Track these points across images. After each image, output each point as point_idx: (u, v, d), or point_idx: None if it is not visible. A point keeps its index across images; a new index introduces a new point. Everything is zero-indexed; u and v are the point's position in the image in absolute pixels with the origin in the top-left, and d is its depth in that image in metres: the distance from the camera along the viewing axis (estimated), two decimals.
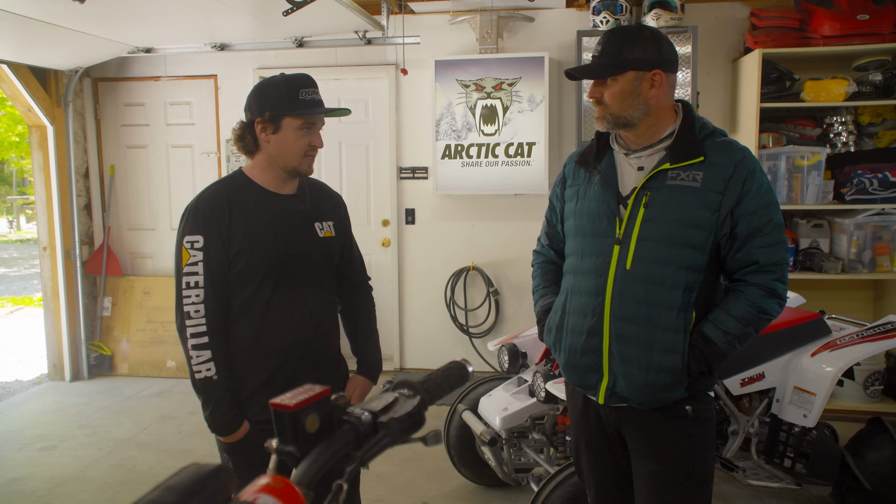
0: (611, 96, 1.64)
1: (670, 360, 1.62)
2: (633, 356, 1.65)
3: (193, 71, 5.12)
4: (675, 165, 1.63)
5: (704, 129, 1.68)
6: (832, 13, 3.91)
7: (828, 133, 4.16)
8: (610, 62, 1.63)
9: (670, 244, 1.62)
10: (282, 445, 0.74)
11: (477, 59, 4.57)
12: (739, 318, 1.62)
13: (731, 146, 1.65)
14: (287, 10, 3.43)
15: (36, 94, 4.75)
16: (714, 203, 1.60)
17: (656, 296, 1.63)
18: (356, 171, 5.12)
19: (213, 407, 1.75)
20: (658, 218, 1.63)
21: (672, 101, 1.70)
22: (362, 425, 0.77)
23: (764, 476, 2.80)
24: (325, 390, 0.77)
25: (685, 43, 4.18)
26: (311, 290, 1.89)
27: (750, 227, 1.61)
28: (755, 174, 1.62)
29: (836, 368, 2.67)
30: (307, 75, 1.84)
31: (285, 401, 0.74)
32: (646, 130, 1.68)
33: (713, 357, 1.63)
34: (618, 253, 1.66)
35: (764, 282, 1.62)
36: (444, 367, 0.95)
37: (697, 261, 1.62)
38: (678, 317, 1.62)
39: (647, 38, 1.65)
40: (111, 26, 4.05)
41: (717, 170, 1.61)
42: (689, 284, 1.62)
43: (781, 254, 1.64)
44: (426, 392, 0.86)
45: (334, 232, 1.96)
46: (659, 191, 1.64)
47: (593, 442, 1.82)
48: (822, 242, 4.12)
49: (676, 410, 1.67)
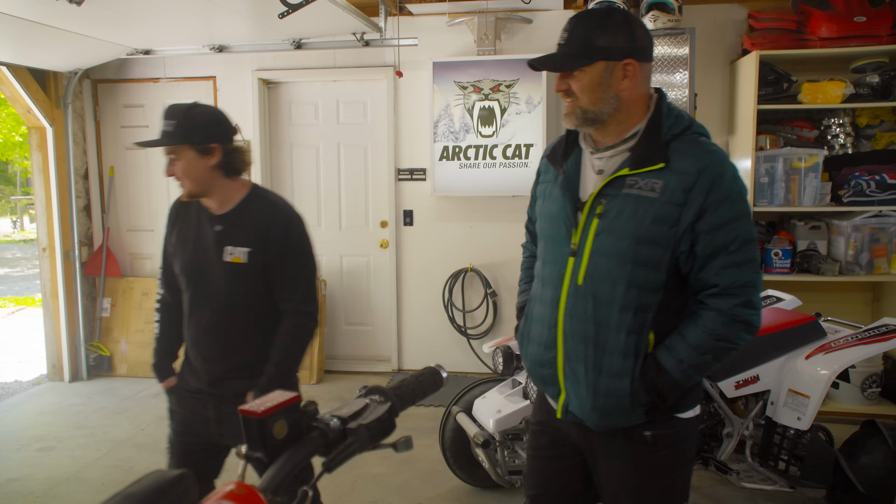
0: (580, 88, 1.46)
1: (618, 385, 1.47)
2: (582, 377, 1.51)
3: (192, 72, 5.14)
4: (634, 171, 1.44)
5: (676, 127, 1.47)
6: (829, 15, 3.91)
7: (825, 135, 4.16)
8: (577, 51, 1.44)
9: (622, 261, 1.45)
10: (250, 451, 0.74)
11: (475, 61, 4.57)
12: (695, 345, 1.44)
13: (698, 149, 1.44)
14: (283, 13, 3.44)
15: (35, 95, 4.77)
16: (672, 216, 1.41)
17: (606, 316, 1.47)
18: (354, 172, 5.13)
19: (152, 354, 2.23)
20: (611, 230, 1.46)
21: (646, 93, 1.51)
22: (331, 431, 0.77)
23: (758, 478, 2.80)
24: (295, 397, 0.77)
25: (683, 44, 4.17)
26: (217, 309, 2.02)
27: (712, 245, 1.41)
28: (723, 182, 1.40)
29: (830, 371, 2.66)
30: (170, 107, 1.97)
31: (254, 407, 0.74)
32: (615, 127, 1.50)
33: (665, 386, 1.45)
34: (572, 265, 1.51)
35: (724, 307, 1.43)
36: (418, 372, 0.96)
37: (652, 280, 1.45)
38: (628, 340, 1.46)
39: (619, 22, 1.44)
40: (110, 28, 4.06)
41: (679, 178, 1.41)
42: (642, 305, 1.46)
43: (748, 275, 1.43)
44: (397, 398, 0.86)
45: (246, 259, 1.98)
46: (615, 199, 1.46)
47: (544, 448, 1.71)
48: (820, 244, 4.11)
49: (635, 434, 1.52)
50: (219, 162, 1.98)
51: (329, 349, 5.19)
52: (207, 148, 1.96)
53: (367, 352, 5.24)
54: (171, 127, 1.94)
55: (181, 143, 1.95)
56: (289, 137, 5.20)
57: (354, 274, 5.21)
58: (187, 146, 1.95)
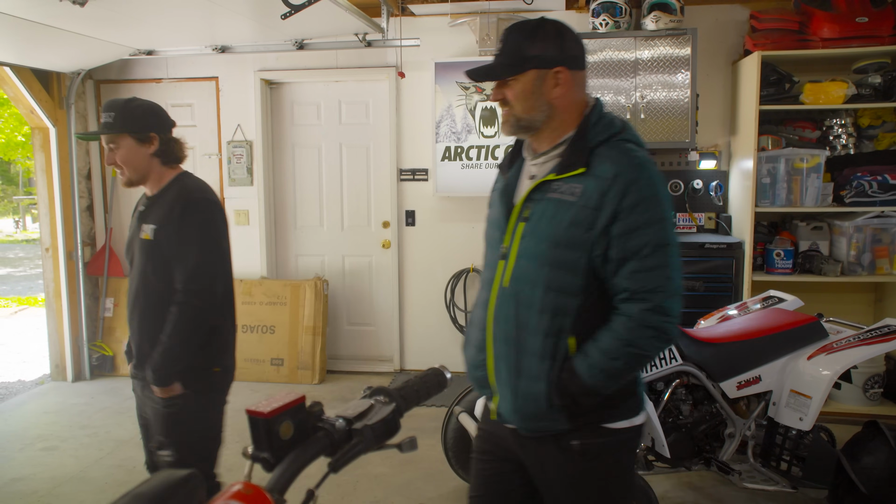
0: (514, 96, 1.51)
1: (535, 388, 1.48)
2: (505, 379, 1.53)
3: (195, 73, 5.15)
4: (559, 176, 1.48)
5: (603, 133, 1.50)
6: (831, 15, 3.91)
7: (827, 135, 4.16)
8: (509, 61, 1.50)
9: (541, 263, 1.47)
10: (257, 452, 0.75)
11: (477, 62, 4.57)
12: (605, 350, 1.44)
13: (618, 154, 1.46)
14: (285, 14, 3.44)
15: (38, 96, 4.78)
16: (588, 220, 1.43)
17: (526, 318, 1.49)
18: (357, 172, 5.14)
19: None
20: (532, 233, 1.50)
21: (581, 100, 1.55)
22: (336, 432, 0.78)
23: (760, 479, 2.81)
24: (300, 398, 0.78)
25: (685, 45, 4.18)
26: (135, 284, 2.17)
27: (625, 249, 1.42)
28: (638, 187, 1.41)
29: (832, 371, 2.67)
30: (108, 101, 2.14)
31: (260, 408, 0.75)
32: (549, 134, 1.54)
33: (577, 390, 1.45)
34: (501, 268, 1.55)
35: (633, 311, 1.42)
36: (423, 373, 0.96)
37: (570, 284, 1.46)
38: (545, 343, 1.47)
39: (549, 32, 1.50)
40: (113, 29, 4.07)
41: (596, 182, 1.43)
42: (559, 309, 1.47)
43: (658, 280, 1.41)
44: (402, 399, 0.87)
45: (153, 236, 2.10)
46: (539, 203, 1.50)
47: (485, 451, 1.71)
48: (822, 245, 4.11)
49: (562, 443, 1.51)
50: (156, 150, 2.15)
51: (331, 349, 5.20)
52: (146, 137, 2.12)
53: (369, 352, 5.25)
54: (110, 118, 2.08)
55: (121, 132, 2.09)
56: (291, 138, 5.21)
57: (356, 274, 5.21)
58: (126, 135, 2.10)
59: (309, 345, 4.89)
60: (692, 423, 2.82)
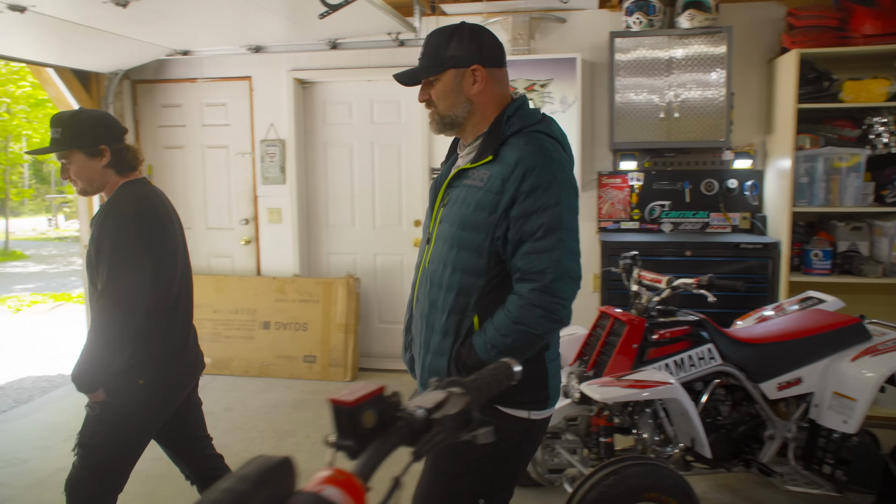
0: (437, 95, 1.63)
1: (439, 362, 1.61)
2: (419, 356, 1.68)
3: (229, 73, 5.22)
4: (472, 165, 1.60)
5: (517, 125, 1.59)
6: (873, 11, 3.84)
7: (868, 134, 4.08)
8: (429, 62, 1.63)
9: (451, 245, 1.60)
10: (341, 440, 0.76)
11: (509, 61, 4.53)
12: (497, 326, 1.53)
13: (525, 142, 1.56)
14: (323, 13, 3.48)
15: (79, 96, 4.89)
16: (491, 204, 1.54)
17: (436, 297, 1.62)
18: (388, 171, 5.17)
19: None
20: (447, 218, 1.63)
21: (502, 95, 1.66)
22: (416, 422, 0.79)
23: (802, 482, 2.77)
24: (381, 388, 0.79)
25: (720, 43, 4.13)
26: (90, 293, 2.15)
27: (521, 232, 1.51)
28: (536, 172, 1.50)
29: (878, 374, 2.62)
30: (55, 115, 2.13)
31: (344, 397, 0.76)
32: (472, 129, 1.66)
33: (472, 365, 1.53)
34: (427, 252, 1.69)
35: (522, 290, 1.51)
36: (493, 366, 0.97)
37: (474, 264, 1.57)
38: (449, 320, 1.59)
39: (465, 34, 1.62)
40: (151, 30, 4.15)
41: (501, 168, 1.54)
42: (464, 288, 1.58)
43: (548, 262, 1.49)
44: (476, 390, 0.88)
45: (88, 243, 2.13)
46: (455, 190, 1.64)
47: None
48: (862, 245, 4.04)
49: None
50: (109, 161, 2.15)
51: (363, 347, 5.24)
52: (96, 150, 2.11)
53: (400, 350, 5.27)
54: (57, 134, 2.08)
55: (69, 149, 2.10)
56: (323, 136, 5.26)
57: (388, 272, 5.24)
58: (76, 150, 2.10)
59: (341, 342, 4.94)
60: (731, 424, 2.79)
